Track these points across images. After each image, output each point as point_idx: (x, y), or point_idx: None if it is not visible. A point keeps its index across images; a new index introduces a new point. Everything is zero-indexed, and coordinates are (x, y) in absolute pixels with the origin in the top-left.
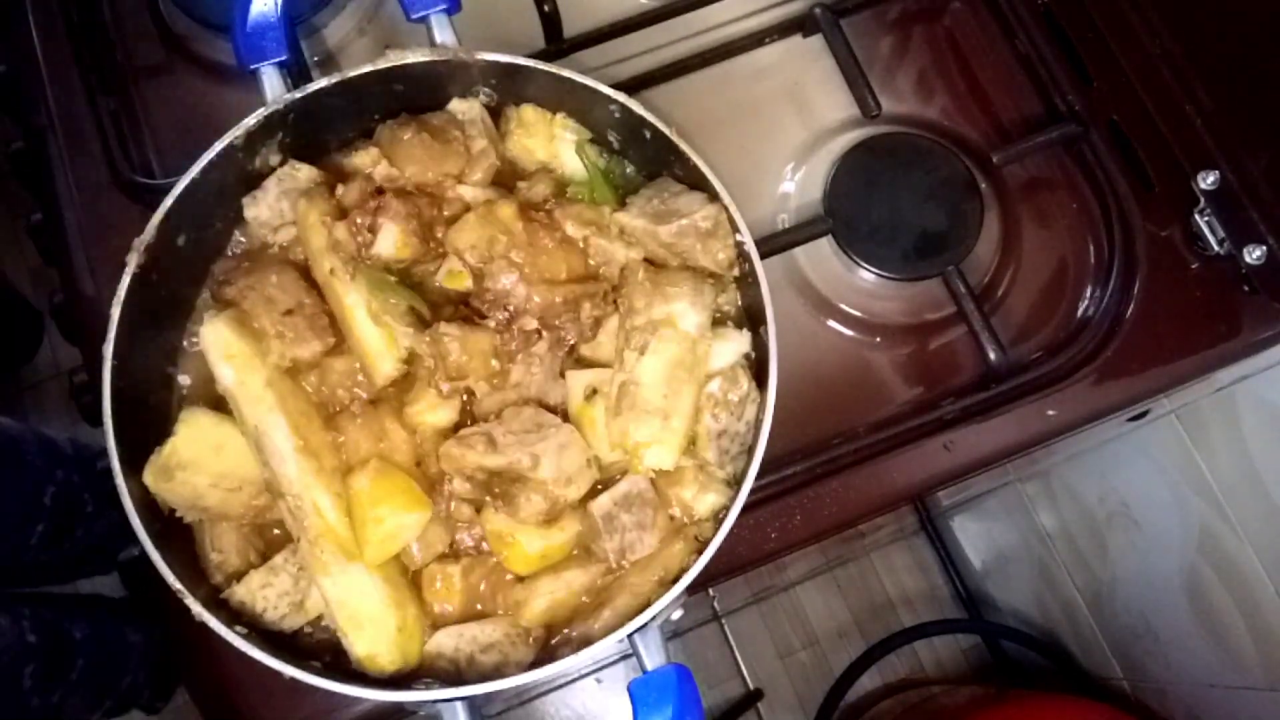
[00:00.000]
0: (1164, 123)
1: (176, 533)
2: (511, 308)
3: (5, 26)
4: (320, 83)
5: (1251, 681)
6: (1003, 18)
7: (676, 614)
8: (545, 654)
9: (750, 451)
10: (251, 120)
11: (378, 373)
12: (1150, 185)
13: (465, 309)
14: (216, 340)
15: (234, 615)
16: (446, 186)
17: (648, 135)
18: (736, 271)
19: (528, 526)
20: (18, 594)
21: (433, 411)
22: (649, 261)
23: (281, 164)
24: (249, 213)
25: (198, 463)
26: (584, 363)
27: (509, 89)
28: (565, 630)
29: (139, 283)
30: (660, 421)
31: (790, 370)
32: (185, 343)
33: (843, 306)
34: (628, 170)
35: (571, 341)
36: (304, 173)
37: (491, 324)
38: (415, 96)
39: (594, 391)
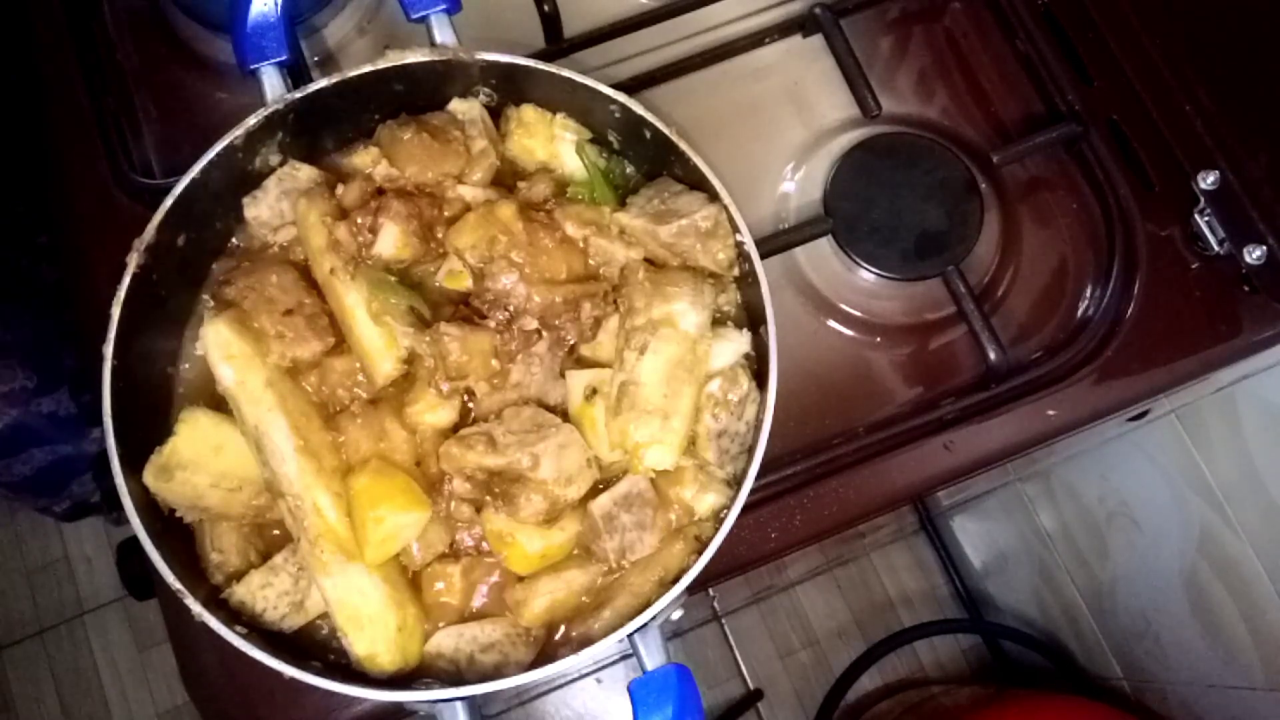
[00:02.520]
0: (1164, 123)
1: (176, 533)
2: (511, 308)
3: (6, 26)
4: (320, 83)
5: (1251, 681)
6: (1003, 18)
7: (676, 614)
8: (545, 654)
9: (750, 451)
10: (251, 120)
11: (378, 373)
12: (1150, 185)
13: (465, 309)
14: (216, 340)
15: (234, 615)
16: (446, 186)
17: (648, 135)
18: (736, 271)
19: (528, 526)
20: None
21: (433, 411)
22: (649, 261)
23: (281, 164)
24: (249, 213)
25: (198, 463)
26: (584, 363)
27: (509, 89)
28: (565, 630)
29: (139, 283)
30: (660, 421)
31: (790, 370)
32: (185, 343)
33: (843, 306)
34: (628, 170)
35: (571, 341)
36: (304, 173)
37: (491, 324)
38: (415, 96)
39: (594, 391)
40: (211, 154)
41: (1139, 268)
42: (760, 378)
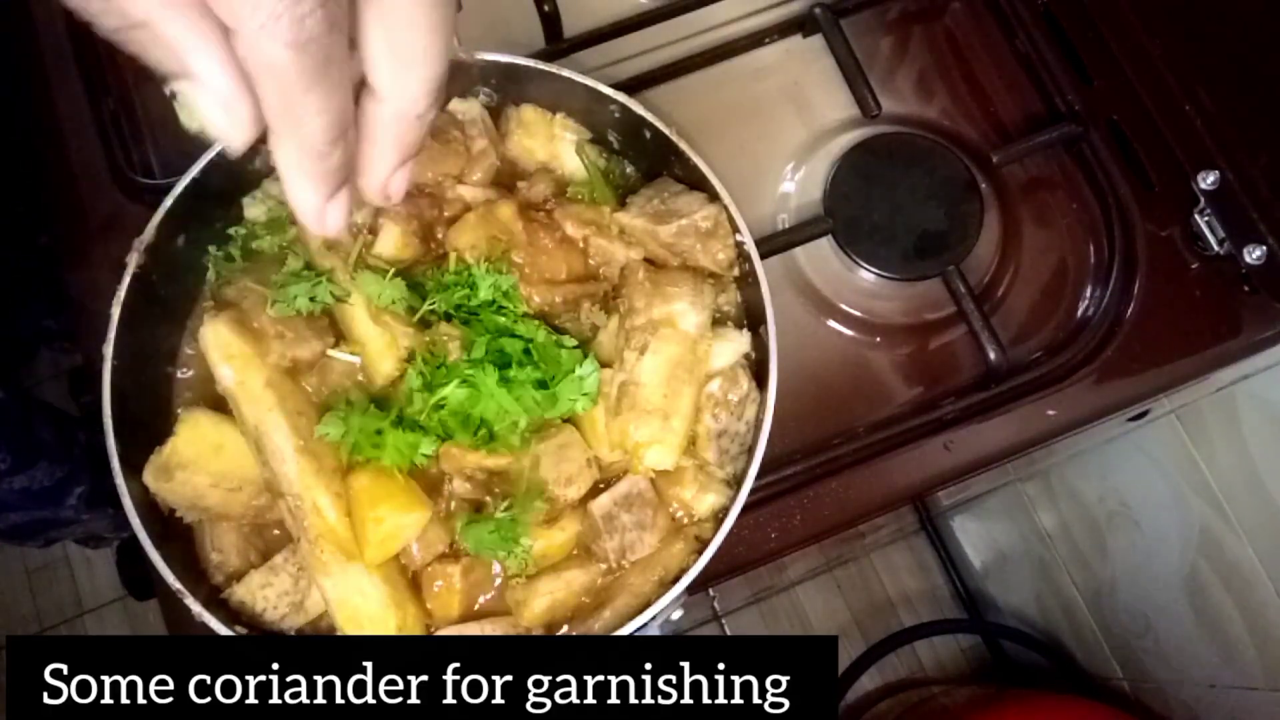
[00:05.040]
0: (1164, 123)
1: (176, 533)
2: None
3: (6, 27)
4: None
5: (1251, 681)
6: (1003, 18)
7: (676, 614)
8: None
9: (750, 451)
10: None
11: (378, 373)
12: (1150, 185)
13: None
14: (216, 340)
15: (234, 615)
16: (446, 186)
17: (648, 135)
18: (736, 271)
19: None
20: None
21: None
22: (649, 261)
23: None
24: (249, 213)
25: (198, 463)
26: None
27: (509, 89)
28: (565, 630)
29: (139, 283)
30: (660, 421)
31: (790, 370)
32: (185, 343)
33: (843, 306)
34: (628, 170)
35: None
36: None
37: None
38: None
39: None
40: (211, 154)
41: (1139, 268)
42: (760, 378)
